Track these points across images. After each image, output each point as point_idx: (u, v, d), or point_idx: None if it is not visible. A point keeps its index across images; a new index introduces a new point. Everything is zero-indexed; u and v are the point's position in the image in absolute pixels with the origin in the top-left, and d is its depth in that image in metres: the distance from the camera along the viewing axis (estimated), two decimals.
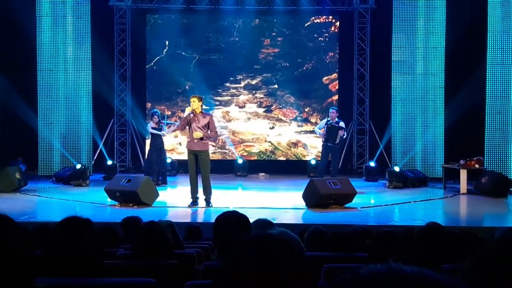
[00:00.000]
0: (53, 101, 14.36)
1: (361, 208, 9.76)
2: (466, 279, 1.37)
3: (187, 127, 9.65)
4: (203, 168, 9.52)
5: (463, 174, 11.73)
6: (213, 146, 15.25)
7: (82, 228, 2.46)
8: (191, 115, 9.51)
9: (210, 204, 9.63)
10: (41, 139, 14.30)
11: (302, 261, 1.51)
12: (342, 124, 12.46)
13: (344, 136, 12.74)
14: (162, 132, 12.55)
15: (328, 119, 12.54)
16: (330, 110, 12.80)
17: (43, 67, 14.33)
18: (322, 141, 12.57)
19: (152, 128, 12.52)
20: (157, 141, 12.50)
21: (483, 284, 1.35)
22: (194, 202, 9.69)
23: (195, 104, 9.48)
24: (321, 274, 3.41)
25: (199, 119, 9.49)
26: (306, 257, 1.54)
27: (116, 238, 4.80)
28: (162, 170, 12.61)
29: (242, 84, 15.52)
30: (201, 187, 9.69)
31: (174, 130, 13.05)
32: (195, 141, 9.42)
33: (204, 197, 9.66)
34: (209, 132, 9.51)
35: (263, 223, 3.90)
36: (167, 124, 12.85)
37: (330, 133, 12.15)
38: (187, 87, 15.40)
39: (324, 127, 12.36)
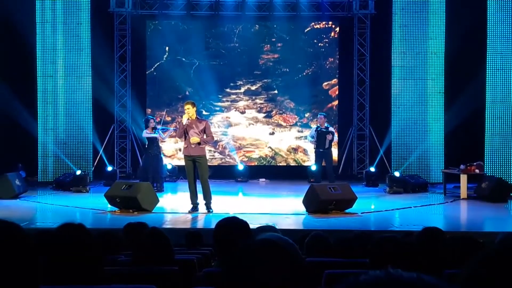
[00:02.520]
0: (53, 107, 14.36)
1: (361, 213, 9.73)
2: (467, 284, 1.37)
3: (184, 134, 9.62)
4: (202, 173, 9.48)
5: (463, 179, 11.72)
6: (213, 150, 15.26)
7: (77, 235, 2.45)
8: (188, 121, 9.48)
9: (211, 210, 9.59)
10: (41, 146, 14.30)
11: (302, 267, 1.51)
12: (331, 129, 12.63)
13: (333, 141, 12.84)
14: (158, 135, 12.43)
15: (318, 125, 12.66)
16: (318, 116, 12.97)
17: (43, 74, 14.34)
18: (314, 148, 12.74)
19: (148, 133, 12.45)
20: (153, 147, 12.40)
21: None
22: (194, 207, 9.65)
23: (190, 111, 9.44)
24: (322, 280, 3.41)
25: (195, 125, 9.47)
26: (306, 262, 1.54)
27: (117, 244, 4.79)
28: (157, 177, 12.47)
29: (242, 89, 15.54)
30: (200, 193, 9.66)
31: (171, 136, 13.01)
32: (192, 146, 9.38)
33: (204, 202, 9.63)
34: (205, 136, 9.50)
35: (265, 230, 3.90)
36: (163, 129, 12.77)
37: (319, 139, 12.37)
38: (187, 93, 15.41)
39: (315, 134, 12.54)
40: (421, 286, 0.87)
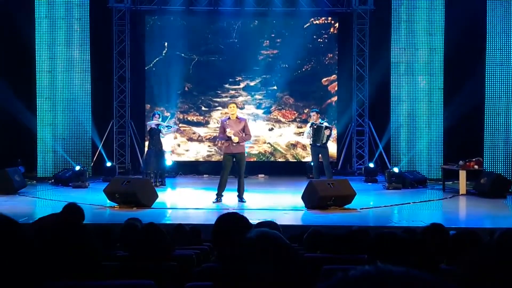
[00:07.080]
0: (52, 102, 14.35)
1: (360, 209, 9.75)
2: (464, 280, 1.37)
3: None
4: (241, 168, 10.18)
5: (462, 175, 11.73)
6: (211, 146, 15.26)
7: (68, 230, 2.44)
8: (227, 121, 10.13)
9: (244, 200, 10.25)
10: (40, 141, 14.29)
11: (292, 260, 1.51)
12: (325, 124, 12.54)
13: (331, 136, 12.80)
14: (163, 128, 12.49)
15: (312, 121, 12.55)
16: (311, 112, 12.79)
17: (42, 69, 14.32)
18: (310, 144, 12.53)
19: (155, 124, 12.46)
20: (156, 142, 12.45)
21: (482, 285, 1.35)
22: (219, 198, 10.27)
23: (233, 109, 10.15)
24: (320, 276, 3.41)
25: (235, 124, 10.11)
26: (294, 254, 1.54)
27: (115, 239, 4.80)
28: (160, 172, 12.57)
29: (241, 85, 15.52)
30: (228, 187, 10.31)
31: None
32: (234, 144, 10.03)
33: (237, 194, 10.34)
34: (244, 135, 10.16)
35: (265, 226, 3.90)
36: (167, 126, 12.82)
37: (316, 134, 12.17)
38: (186, 88, 15.40)
39: (310, 130, 12.39)
40: (409, 280, 0.87)
